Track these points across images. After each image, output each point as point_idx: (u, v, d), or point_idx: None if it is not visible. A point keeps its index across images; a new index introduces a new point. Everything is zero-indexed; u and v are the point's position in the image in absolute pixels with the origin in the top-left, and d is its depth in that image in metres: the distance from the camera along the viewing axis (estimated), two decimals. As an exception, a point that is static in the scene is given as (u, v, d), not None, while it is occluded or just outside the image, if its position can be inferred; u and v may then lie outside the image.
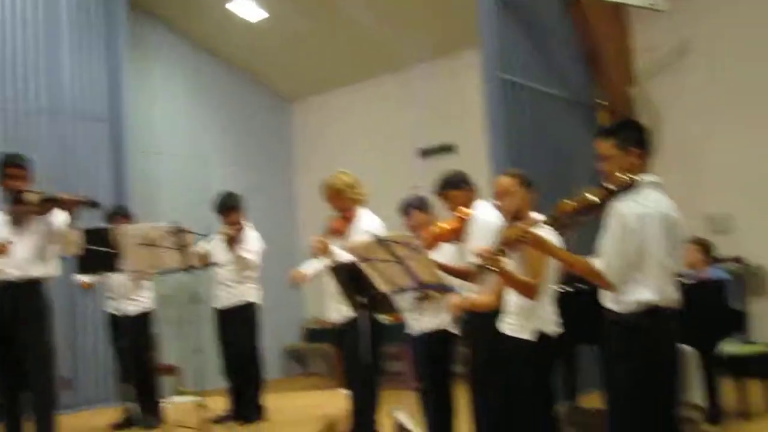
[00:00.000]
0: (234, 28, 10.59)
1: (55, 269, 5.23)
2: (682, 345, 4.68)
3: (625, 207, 3.08)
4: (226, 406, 6.49)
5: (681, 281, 3.36)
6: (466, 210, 4.54)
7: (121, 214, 6.53)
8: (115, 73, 8.46)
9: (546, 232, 3.37)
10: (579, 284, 5.08)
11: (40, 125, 7.89)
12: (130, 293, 6.42)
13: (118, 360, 6.57)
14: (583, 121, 8.62)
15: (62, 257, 5.34)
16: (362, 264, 4.33)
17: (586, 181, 3.52)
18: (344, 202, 5.37)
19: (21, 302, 5.00)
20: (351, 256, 4.57)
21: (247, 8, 10.18)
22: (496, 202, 4.14)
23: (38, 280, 5.10)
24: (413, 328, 4.99)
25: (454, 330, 4.80)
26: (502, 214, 4.06)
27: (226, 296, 6.48)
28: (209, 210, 6.53)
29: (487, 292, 4.13)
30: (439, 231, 4.56)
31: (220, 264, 6.41)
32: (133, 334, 6.30)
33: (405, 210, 5.09)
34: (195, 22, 10.71)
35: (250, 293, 6.47)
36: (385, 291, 4.36)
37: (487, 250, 3.45)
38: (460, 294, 4.38)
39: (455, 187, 4.69)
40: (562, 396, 6.19)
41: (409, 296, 4.46)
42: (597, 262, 3.10)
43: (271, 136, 12.22)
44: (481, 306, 4.06)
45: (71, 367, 7.61)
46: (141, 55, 9.99)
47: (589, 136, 4.89)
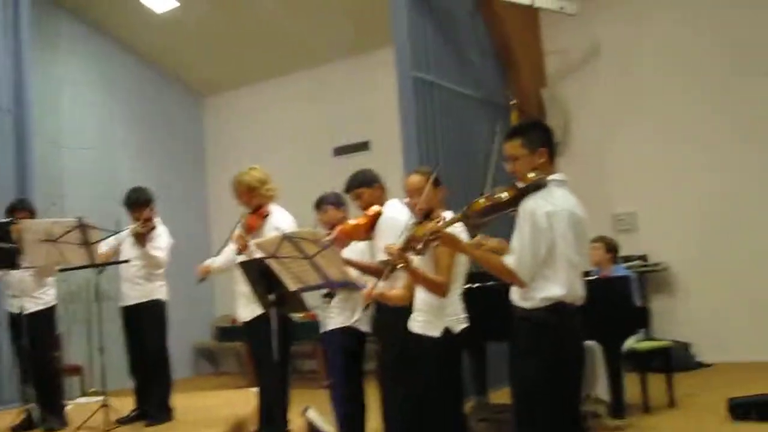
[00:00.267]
0: (144, 19, 10.36)
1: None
2: (588, 341, 4.81)
3: (534, 205, 3.13)
4: (132, 407, 6.33)
5: (587, 279, 3.43)
6: (376, 208, 4.55)
7: (23, 208, 6.27)
8: (19, 63, 8.12)
9: (457, 230, 3.40)
10: (489, 281, 5.15)
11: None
12: (32, 291, 6.17)
13: (18, 360, 6.33)
14: (495, 120, 8.74)
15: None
16: (271, 261, 4.29)
17: (498, 180, 3.57)
18: (255, 199, 5.31)
19: None
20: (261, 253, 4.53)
21: (157, -2, 9.95)
22: (407, 200, 4.15)
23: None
24: (325, 325, 5.01)
25: (365, 327, 4.82)
26: (413, 212, 4.06)
27: (133, 294, 6.30)
28: (117, 205, 6.34)
29: (399, 287, 4.14)
30: (350, 228, 4.57)
31: (127, 260, 6.23)
32: (35, 333, 6.07)
33: (318, 205, 5.11)
34: (104, 12, 10.43)
35: (157, 291, 6.32)
36: (294, 288, 4.33)
37: (396, 248, 3.46)
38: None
39: (366, 185, 4.68)
40: (471, 391, 6.30)
41: (319, 293, 4.44)
42: (508, 260, 3.14)
43: (183, 131, 12.02)
44: (393, 299, 4.06)
45: (-29, 368, 7.30)
46: (47, 45, 9.68)
47: (501, 135, 4.96)
